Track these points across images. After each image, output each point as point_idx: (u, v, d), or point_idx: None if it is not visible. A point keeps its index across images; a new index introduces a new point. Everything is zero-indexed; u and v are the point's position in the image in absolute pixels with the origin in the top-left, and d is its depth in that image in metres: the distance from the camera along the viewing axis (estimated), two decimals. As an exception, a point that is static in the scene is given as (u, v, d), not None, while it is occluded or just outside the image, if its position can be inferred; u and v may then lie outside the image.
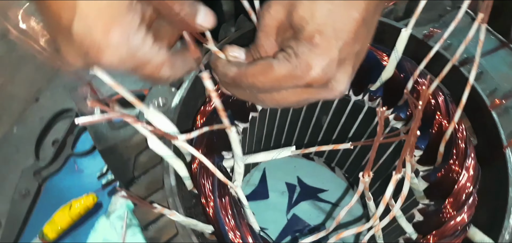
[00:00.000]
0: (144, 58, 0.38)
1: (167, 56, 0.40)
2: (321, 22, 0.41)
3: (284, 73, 0.42)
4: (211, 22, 0.42)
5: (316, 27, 0.41)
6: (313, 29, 0.41)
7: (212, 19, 0.42)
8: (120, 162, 0.59)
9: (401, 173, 0.42)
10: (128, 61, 0.37)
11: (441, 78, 0.56)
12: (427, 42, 0.63)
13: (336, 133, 0.77)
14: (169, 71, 0.40)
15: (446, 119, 0.58)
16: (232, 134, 0.52)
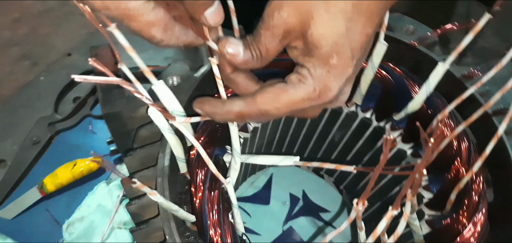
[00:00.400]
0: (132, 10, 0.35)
1: (161, 18, 0.37)
2: (339, 41, 0.38)
3: (302, 97, 0.40)
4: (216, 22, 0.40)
5: (334, 47, 0.38)
6: (330, 49, 0.38)
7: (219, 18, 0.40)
8: (122, 130, 0.58)
9: (398, 210, 0.38)
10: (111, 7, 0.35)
11: (468, 123, 0.52)
12: (463, 82, 0.59)
13: (350, 155, 0.73)
14: (160, 34, 0.38)
15: (465, 167, 0.54)
16: (232, 126, 0.50)
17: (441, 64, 0.53)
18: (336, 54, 0.39)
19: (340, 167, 0.47)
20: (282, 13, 0.38)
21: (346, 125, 0.68)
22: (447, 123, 0.57)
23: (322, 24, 0.38)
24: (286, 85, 0.41)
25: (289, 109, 0.41)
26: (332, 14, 0.38)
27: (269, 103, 0.41)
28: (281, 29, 0.39)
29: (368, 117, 0.64)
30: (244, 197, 0.83)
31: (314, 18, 0.38)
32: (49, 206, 0.87)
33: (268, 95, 0.41)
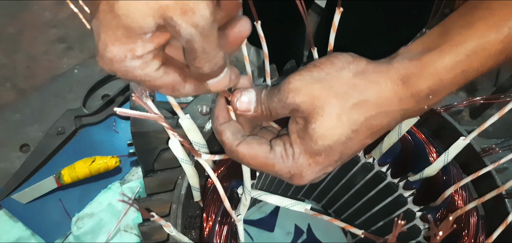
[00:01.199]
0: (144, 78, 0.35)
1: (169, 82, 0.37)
2: (334, 147, 0.39)
3: (275, 170, 0.42)
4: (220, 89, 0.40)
5: (326, 149, 0.39)
6: (322, 150, 0.39)
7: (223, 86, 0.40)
8: (146, 149, 0.60)
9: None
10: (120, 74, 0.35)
11: (480, 201, 0.52)
12: (482, 157, 0.59)
13: (360, 203, 0.74)
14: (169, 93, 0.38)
15: (472, 237, 0.54)
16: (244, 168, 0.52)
17: (462, 139, 0.54)
18: (325, 155, 0.40)
19: (349, 227, 0.48)
20: (296, 98, 0.39)
21: (360, 173, 0.69)
22: (460, 193, 0.57)
23: (327, 127, 0.39)
24: (269, 153, 0.42)
25: (260, 168, 0.43)
26: (341, 122, 0.39)
27: (247, 157, 0.42)
28: (291, 107, 0.40)
29: (384, 171, 0.65)
30: (250, 220, 0.84)
31: (324, 117, 0.39)
32: (62, 197, 0.91)
33: (250, 150, 0.42)
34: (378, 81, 0.39)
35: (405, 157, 0.63)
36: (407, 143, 0.61)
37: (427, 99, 0.40)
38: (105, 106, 1.04)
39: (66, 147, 0.97)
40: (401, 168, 0.64)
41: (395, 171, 0.65)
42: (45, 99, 1.06)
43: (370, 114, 0.39)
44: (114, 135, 1.01)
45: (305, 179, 0.42)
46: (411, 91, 0.39)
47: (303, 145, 0.40)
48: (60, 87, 1.08)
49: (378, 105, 0.39)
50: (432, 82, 0.39)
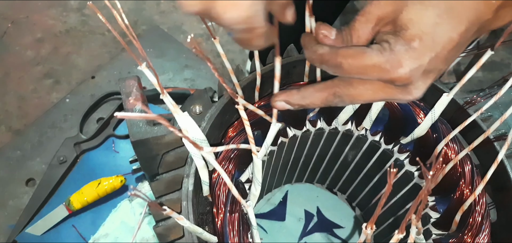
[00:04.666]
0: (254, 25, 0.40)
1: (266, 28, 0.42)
2: (425, 30, 0.42)
3: (374, 62, 0.43)
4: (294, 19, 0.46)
5: (419, 33, 0.42)
6: (415, 33, 0.42)
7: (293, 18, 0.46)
8: (148, 156, 0.62)
9: (404, 234, 0.42)
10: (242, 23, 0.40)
11: (470, 148, 0.56)
12: (466, 109, 0.63)
13: (361, 175, 0.77)
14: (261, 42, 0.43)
15: (469, 188, 0.58)
16: (257, 160, 0.54)
17: (445, 95, 0.57)
18: (419, 39, 0.42)
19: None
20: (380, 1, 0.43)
21: (356, 146, 0.72)
22: (451, 147, 0.60)
23: (414, 11, 0.42)
24: (366, 49, 0.44)
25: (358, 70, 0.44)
26: (424, 6, 0.42)
27: (346, 56, 0.44)
28: (375, 15, 0.44)
29: (377, 140, 0.68)
30: (260, 214, 0.87)
31: (408, 6, 0.42)
32: (75, 223, 0.92)
33: (350, 51, 0.44)
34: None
35: (395, 123, 0.66)
36: (394, 109, 0.64)
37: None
38: (101, 129, 1.06)
39: (71, 175, 0.99)
40: (393, 134, 0.67)
41: (388, 137, 0.68)
42: (42, 132, 1.07)
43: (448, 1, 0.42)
44: (115, 155, 1.03)
45: (404, 66, 0.42)
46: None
47: (397, 35, 0.43)
48: (55, 118, 1.10)
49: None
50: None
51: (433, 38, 0.42)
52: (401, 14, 0.42)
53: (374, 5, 0.43)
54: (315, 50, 0.46)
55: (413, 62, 0.42)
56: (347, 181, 0.82)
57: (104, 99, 1.13)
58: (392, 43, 0.43)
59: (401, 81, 0.43)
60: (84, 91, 1.17)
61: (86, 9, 2.18)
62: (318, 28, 0.47)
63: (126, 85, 0.68)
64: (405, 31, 0.42)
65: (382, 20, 0.44)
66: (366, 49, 0.43)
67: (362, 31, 0.44)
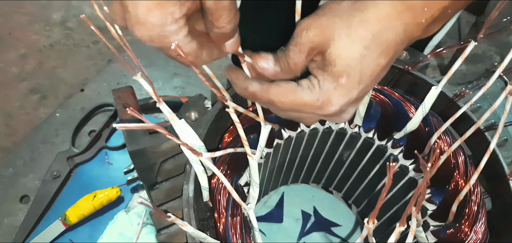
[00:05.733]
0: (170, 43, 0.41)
1: (195, 47, 0.43)
2: (352, 65, 0.43)
3: (305, 101, 0.45)
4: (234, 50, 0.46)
5: (347, 69, 0.43)
6: (342, 70, 0.43)
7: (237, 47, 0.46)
8: (146, 166, 0.63)
9: (405, 226, 0.43)
10: (157, 41, 0.41)
11: (462, 140, 0.57)
12: (456, 101, 0.64)
13: (356, 172, 0.78)
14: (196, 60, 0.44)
15: (464, 179, 0.59)
16: (252, 162, 0.55)
17: (434, 88, 0.59)
18: (346, 75, 0.43)
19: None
20: (309, 33, 0.44)
21: (351, 144, 0.73)
22: (444, 139, 0.62)
23: (341, 47, 0.43)
24: (297, 87, 0.45)
25: (291, 107, 0.46)
26: (351, 39, 0.43)
27: (278, 95, 0.46)
28: (307, 46, 0.44)
29: (371, 137, 0.70)
30: (258, 217, 0.87)
31: (335, 40, 0.43)
32: (73, 237, 0.92)
33: (280, 89, 0.46)
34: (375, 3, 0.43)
35: (387, 119, 0.67)
36: (386, 105, 0.66)
37: (422, 12, 0.44)
38: (94, 141, 1.06)
39: (65, 189, 0.99)
40: (386, 130, 0.68)
41: (381, 133, 0.69)
42: (34, 148, 1.07)
43: (375, 30, 0.43)
44: (108, 167, 1.03)
45: (334, 104, 0.44)
46: (406, 4, 0.43)
47: (325, 72, 0.44)
48: (46, 133, 1.10)
49: (380, 20, 0.43)
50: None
51: (361, 71, 0.44)
52: (329, 48, 0.43)
53: (304, 37, 0.44)
54: (245, 87, 0.47)
55: (342, 98, 0.45)
56: (342, 179, 0.84)
57: (95, 111, 1.13)
58: (321, 80, 0.44)
59: (332, 115, 0.46)
60: (74, 104, 1.17)
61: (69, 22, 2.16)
62: (256, 61, 0.47)
63: (120, 96, 0.68)
64: (333, 68, 0.43)
65: (313, 50, 0.44)
66: (297, 88, 0.45)
67: (297, 60, 0.45)
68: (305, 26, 0.44)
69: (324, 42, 0.44)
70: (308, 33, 0.44)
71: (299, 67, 0.46)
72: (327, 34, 0.44)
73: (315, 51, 0.45)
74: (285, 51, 0.46)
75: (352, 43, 0.43)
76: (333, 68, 0.43)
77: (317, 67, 0.45)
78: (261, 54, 0.47)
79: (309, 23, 0.44)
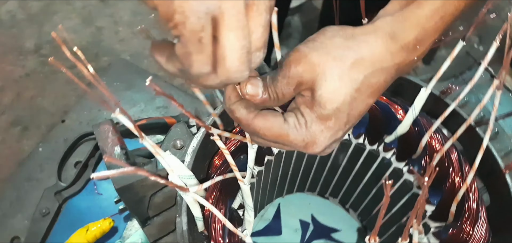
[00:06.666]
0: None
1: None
2: (342, 108, 0.43)
3: (290, 139, 0.44)
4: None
5: (335, 112, 0.43)
6: (331, 114, 0.43)
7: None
8: (136, 201, 0.61)
9: (407, 240, 0.42)
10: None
11: (455, 138, 0.56)
12: (443, 99, 0.63)
13: (350, 178, 0.78)
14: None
15: (459, 176, 0.58)
16: (244, 187, 0.54)
17: (423, 90, 0.58)
18: (335, 118, 0.43)
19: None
20: (299, 68, 0.43)
21: (342, 151, 0.72)
22: (435, 138, 0.61)
23: (332, 90, 0.42)
24: (283, 123, 0.44)
25: (276, 140, 0.45)
26: (343, 83, 0.42)
27: (262, 129, 0.45)
28: (295, 80, 0.43)
29: (361, 142, 0.69)
30: (256, 231, 0.86)
31: (327, 81, 0.42)
32: (69, 275, 0.90)
33: (265, 122, 0.45)
34: (368, 41, 0.43)
35: (376, 123, 0.66)
36: (373, 109, 0.65)
37: (415, 50, 0.44)
38: (80, 173, 1.03)
39: (56, 226, 0.96)
40: (375, 134, 0.67)
41: (371, 138, 0.68)
42: (19, 186, 1.04)
43: (367, 72, 0.42)
44: (98, 198, 1.01)
45: (319, 146, 0.44)
46: (400, 44, 0.43)
47: (314, 113, 0.43)
48: (30, 170, 1.07)
49: (373, 62, 0.43)
50: (417, 32, 0.44)
51: (349, 113, 0.43)
52: (320, 90, 0.42)
53: (294, 72, 0.43)
54: (233, 110, 0.46)
55: (327, 140, 0.44)
56: (337, 186, 0.83)
57: (78, 142, 1.10)
58: (308, 121, 0.44)
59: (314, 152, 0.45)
60: (56, 136, 1.14)
61: (43, 49, 2.12)
62: (245, 87, 0.45)
63: (100, 131, 0.66)
64: (322, 110, 0.43)
65: (302, 85, 0.44)
66: (283, 125, 0.44)
67: (285, 91, 0.44)
68: (294, 59, 0.43)
69: (314, 80, 0.43)
70: (297, 68, 0.43)
71: (287, 98, 0.45)
72: (317, 72, 0.42)
73: (304, 86, 0.44)
74: (273, 79, 0.45)
75: (343, 87, 0.42)
76: (322, 111, 0.43)
77: (304, 104, 0.44)
78: (251, 79, 0.45)
79: (298, 57, 0.43)
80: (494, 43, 0.53)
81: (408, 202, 0.67)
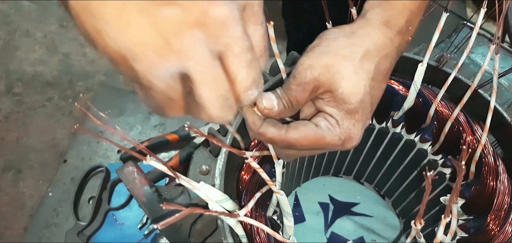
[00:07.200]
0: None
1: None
2: (364, 99, 0.46)
3: (327, 142, 0.47)
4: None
5: (360, 104, 0.46)
6: (357, 106, 0.46)
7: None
8: (177, 232, 0.64)
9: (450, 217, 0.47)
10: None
11: (462, 104, 0.61)
12: (440, 67, 0.67)
13: (362, 156, 0.82)
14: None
15: (470, 133, 0.62)
16: (282, 198, 0.57)
17: (420, 65, 0.62)
18: (361, 109, 0.46)
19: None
20: (314, 72, 0.45)
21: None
22: (441, 105, 0.65)
23: (352, 84, 0.46)
24: (316, 129, 0.47)
25: (313, 147, 0.48)
26: (360, 76, 0.46)
27: (298, 139, 0.47)
28: (311, 85, 0.46)
29: (371, 123, 0.72)
30: (280, 225, 0.89)
31: (345, 79, 0.45)
32: None
33: (299, 133, 0.46)
34: (368, 33, 0.47)
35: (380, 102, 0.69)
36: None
37: (408, 31, 0.49)
38: (97, 207, 1.04)
39: (87, 266, 0.98)
40: (382, 113, 0.71)
41: (380, 118, 0.72)
42: (39, 236, 1.05)
43: (376, 61, 0.47)
44: (121, 228, 1.02)
45: (354, 139, 0.47)
46: (395, 29, 0.48)
47: (341, 111, 0.46)
48: (46, 217, 1.07)
49: (378, 51, 0.47)
50: (407, 16, 0.49)
51: (371, 101, 0.47)
52: (340, 88, 0.45)
53: (310, 77, 0.45)
54: (264, 132, 0.47)
55: (360, 130, 0.48)
56: (350, 164, 0.87)
57: (86, 177, 1.11)
58: (339, 120, 0.46)
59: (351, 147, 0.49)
60: (62, 178, 1.14)
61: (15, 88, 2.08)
62: (260, 103, 0.46)
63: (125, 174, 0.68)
64: (349, 105, 0.46)
65: (318, 88, 0.46)
66: (317, 130, 0.47)
67: (300, 98, 0.47)
68: (308, 65, 0.46)
69: (332, 82, 0.46)
70: (313, 72, 0.45)
71: (301, 105, 0.48)
72: (333, 72, 0.45)
73: (321, 89, 0.46)
74: (285, 89, 0.47)
75: (361, 80, 0.46)
76: (348, 106, 0.46)
77: (329, 105, 0.47)
78: (264, 94, 0.47)
79: (311, 62, 0.46)
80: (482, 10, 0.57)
81: (423, 169, 0.72)
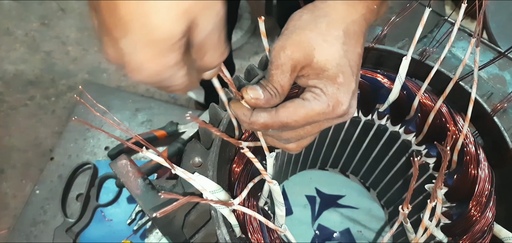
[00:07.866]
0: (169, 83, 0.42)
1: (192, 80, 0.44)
2: (341, 62, 0.48)
3: (317, 111, 0.48)
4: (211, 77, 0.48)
5: (339, 68, 0.47)
6: (336, 70, 0.47)
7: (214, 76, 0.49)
8: (170, 225, 0.65)
9: (435, 201, 0.49)
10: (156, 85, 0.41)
11: (445, 96, 0.64)
12: (423, 61, 0.70)
13: (348, 148, 0.84)
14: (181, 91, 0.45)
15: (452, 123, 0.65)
16: (275, 187, 0.59)
17: (404, 59, 0.65)
18: (341, 73, 0.47)
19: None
20: (287, 52, 0.47)
21: (339, 127, 0.79)
22: (425, 96, 0.68)
23: (325, 51, 0.47)
24: (303, 102, 0.48)
25: (306, 121, 0.49)
26: (330, 43, 0.47)
27: (289, 116, 0.48)
28: (288, 65, 0.47)
29: (357, 116, 0.75)
30: (268, 218, 0.91)
31: (316, 49, 0.47)
32: None
33: (289, 109, 0.48)
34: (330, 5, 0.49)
35: (366, 95, 0.72)
36: (361, 84, 0.70)
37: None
38: (85, 204, 1.05)
39: (75, 263, 0.98)
40: (368, 106, 0.74)
41: (365, 110, 0.74)
42: (27, 233, 1.05)
43: (343, 27, 0.48)
44: (110, 224, 1.03)
45: (343, 102, 0.48)
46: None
47: (322, 78, 0.48)
48: (33, 214, 1.07)
49: (343, 18, 0.49)
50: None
51: (349, 64, 0.48)
52: (315, 58, 0.47)
53: (284, 57, 0.47)
54: (256, 120, 0.49)
55: (347, 94, 0.48)
56: (336, 157, 0.89)
57: (74, 175, 1.11)
58: (323, 87, 0.48)
59: (343, 114, 0.49)
60: (49, 175, 1.14)
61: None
62: (246, 93, 0.48)
63: (119, 167, 0.69)
64: (328, 72, 0.47)
65: (296, 67, 0.48)
66: (304, 103, 0.48)
67: (282, 81, 0.48)
68: (280, 47, 0.48)
69: (305, 55, 0.47)
70: (286, 52, 0.47)
71: (286, 88, 0.49)
72: (305, 46, 0.47)
73: (298, 66, 0.48)
74: (267, 77, 0.49)
75: (332, 45, 0.47)
76: (328, 72, 0.47)
77: (311, 79, 0.49)
78: (248, 87, 0.49)
79: (282, 44, 0.48)
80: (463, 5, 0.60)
81: (408, 160, 0.75)
